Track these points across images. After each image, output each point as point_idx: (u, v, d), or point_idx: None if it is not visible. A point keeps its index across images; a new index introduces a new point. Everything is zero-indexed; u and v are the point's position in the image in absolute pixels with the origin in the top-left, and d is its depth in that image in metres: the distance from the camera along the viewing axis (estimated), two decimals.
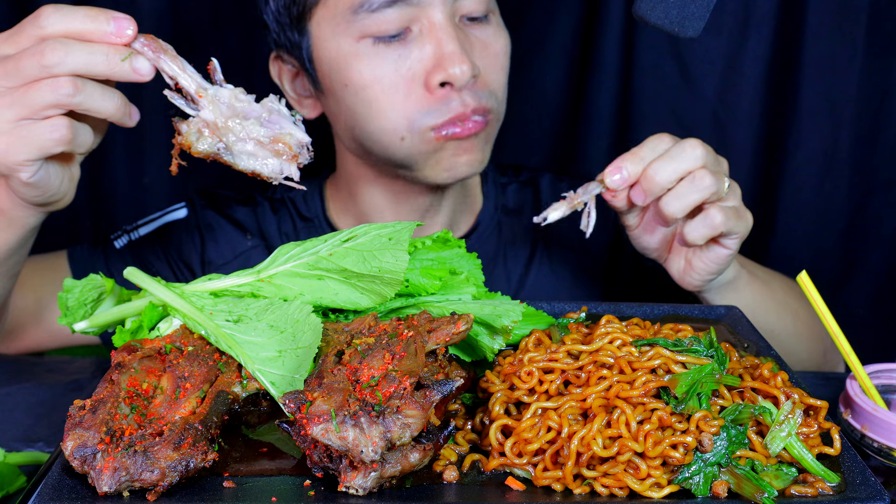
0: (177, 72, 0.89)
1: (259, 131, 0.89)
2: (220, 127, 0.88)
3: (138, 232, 1.47)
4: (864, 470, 0.78)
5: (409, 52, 1.22)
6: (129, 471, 0.71)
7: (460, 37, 1.23)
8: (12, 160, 0.90)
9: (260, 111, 0.89)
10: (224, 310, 0.89)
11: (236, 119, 0.89)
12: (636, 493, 0.75)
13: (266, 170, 0.90)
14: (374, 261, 0.89)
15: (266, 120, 0.89)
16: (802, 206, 1.84)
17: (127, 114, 0.93)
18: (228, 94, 0.89)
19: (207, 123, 0.88)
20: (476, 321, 0.92)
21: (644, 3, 0.98)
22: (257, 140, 0.89)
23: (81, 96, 0.87)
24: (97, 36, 0.87)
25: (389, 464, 0.73)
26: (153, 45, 0.88)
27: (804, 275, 0.92)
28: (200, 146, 0.89)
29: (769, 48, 1.76)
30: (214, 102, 0.88)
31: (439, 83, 1.22)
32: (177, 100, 0.89)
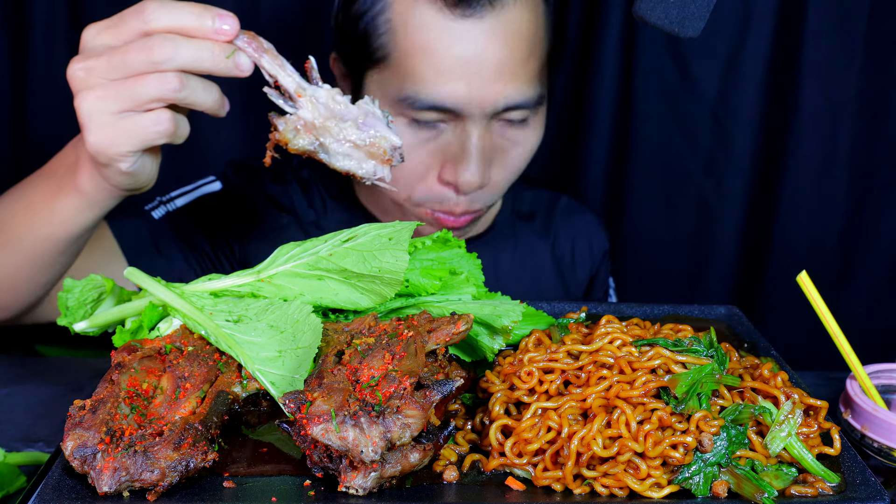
0: (277, 70, 0.90)
1: (355, 133, 0.91)
2: (318, 127, 0.90)
3: (175, 203, 1.46)
4: (864, 470, 0.78)
5: (438, 140, 1.26)
6: (129, 471, 0.71)
7: (486, 146, 1.25)
8: (115, 151, 0.91)
9: (356, 113, 0.91)
10: (224, 310, 0.89)
11: (333, 120, 0.90)
12: (636, 493, 0.75)
13: (361, 171, 0.92)
14: (374, 261, 0.89)
15: (362, 123, 0.91)
16: (802, 205, 1.84)
17: (222, 105, 0.95)
18: (326, 94, 0.91)
19: (305, 122, 0.90)
20: (476, 321, 0.91)
21: (644, 3, 0.98)
22: (353, 142, 0.91)
23: (186, 91, 0.89)
24: (201, 32, 0.88)
25: (389, 464, 0.73)
26: (254, 44, 0.90)
27: (804, 275, 0.92)
28: (299, 143, 0.91)
29: (769, 48, 1.76)
30: (313, 102, 0.90)
31: (448, 182, 1.27)
32: (276, 98, 0.91)
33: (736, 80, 1.79)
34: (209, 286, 0.93)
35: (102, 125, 0.89)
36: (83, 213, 1.05)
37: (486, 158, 1.27)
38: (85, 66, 0.89)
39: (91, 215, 1.05)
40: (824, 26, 1.71)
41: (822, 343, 1.00)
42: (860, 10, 1.71)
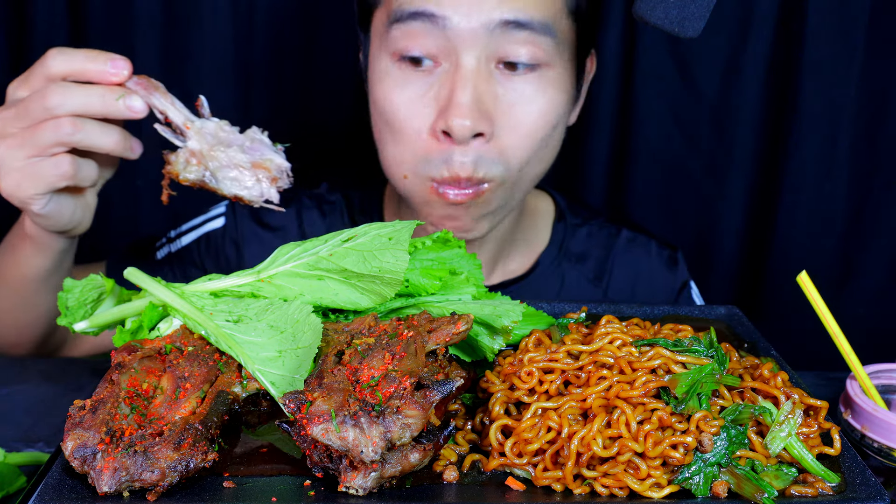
0: (166, 106, 0.98)
1: (241, 158, 0.97)
2: (206, 155, 0.96)
3: (180, 242, 1.48)
4: (864, 470, 0.78)
5: (430, 87, 1.15)
6: (129, 471, 0.71)
7: (480, 86, 1.13)
8: (23, 195, 1.00)
9: (242, 140, 0.97)
10: (224, 310, 0.89)
11: (220, 147, 0.96)
12: (636, 494, 0.75)
13: (248, 194, 0.98)
14: (375, 261, 0.89)
15: (248, 147, 0.97)
16: (802, 206, 1.84)
17: (128, 147, 1.02)
18: (214, 126, 0.98)
19: (194, 153, 0.96)
20: (476, 321, 0.91)
21: (644, 3, 0.98)
22: (240, 166, 0.97)
23: (81, 134, 0.96)
24: (96, 76, 0.97)
25: (389, 464, 0.73)
26: (145, 84, 0.98)
27: (804, 275, 0.92)
28: (188, 174, 0.97)
29: (769, 48, 1.76)
30: (200, 133, 0.97)
31: (441, 130, 1.14)
32: (166, 133, 0.98)
33: (736, 80, 1.79)
34: (209, 286, 0.93)
35: (12, 171, 0.98)
36: (35, 256, 1.15)
37: (482, 103, 1.13)
38: (1, 118, 0.98)
39: (44, 258, 1.15)
40: (824, 26, 1.71)
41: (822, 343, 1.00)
42: (860, 11, 1.71)
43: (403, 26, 1.14)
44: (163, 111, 0.98)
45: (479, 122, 1.13)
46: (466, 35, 1.12)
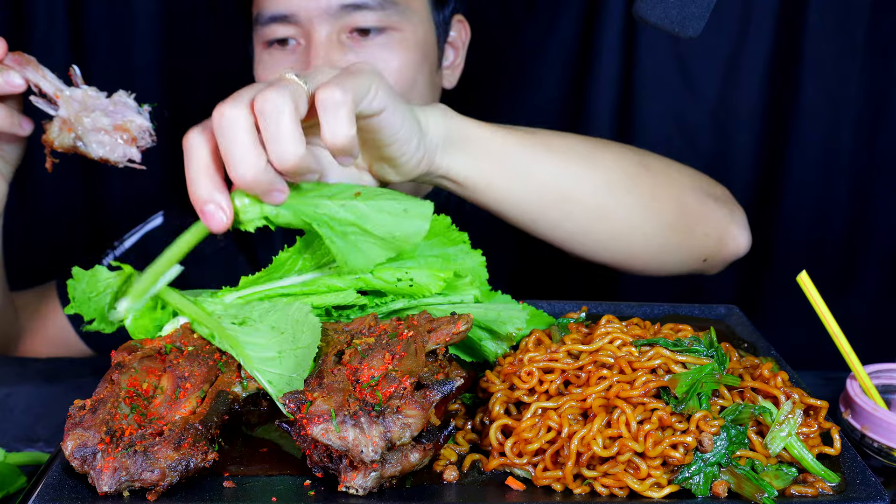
0: (38, 78, 0.99)
1: (104, 121, 0.98)
2: (74, 121, 0.97)
3: (123, 246, 1.51)
4: (864, 470, 0.78)
5: (296, 62, 1.27)
6: (129, 471, 0.71)
7: (334, 55, 1.24)
8: None
9: (107, 104, 0.99)
10: (232, 314, 0.90)
11: (86, 112, 0.98)
12: (636, 493, 0.75)
13: (113, 155, 0.99)
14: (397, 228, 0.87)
15: (111, 111, 0.98)
16: (803, 205, 1.84)
17: (16, 123, 1.01)
18: (81, 93, 0.99)
19: (65, 121, 0.98)
20: (479, 326, 0.92)
21: (644, 2, 0.98)
22: (103, 129, 0.98)
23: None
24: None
25: (389, 464, 0.73)
26: (18, 59, 0.99)
27: (804, 275, 0.92)
28: (62, 141, 0.98)
29: (769, 48, 1.76)
30: (69, 101, 0.98)
31: None
32: (40, 103, 0.99)
33: (736, 80, 1.79)
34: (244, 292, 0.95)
35: None
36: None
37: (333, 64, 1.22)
38: None
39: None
40: (825, 26, 1.71)
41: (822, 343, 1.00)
42: (860, 10, 1.71)
43: (266, 27, 1.28)
44: (36, 84, 0.99)
45: None
46: (315, 20, 1.24)
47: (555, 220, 1.07)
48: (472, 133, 1.01)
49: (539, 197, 1.05)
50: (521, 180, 1.03)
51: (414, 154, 0.96)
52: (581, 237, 1.09)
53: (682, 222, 1.16)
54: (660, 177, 1.14)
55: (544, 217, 1.06)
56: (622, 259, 1.15)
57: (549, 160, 1.05)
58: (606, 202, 1.08)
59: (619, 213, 1.09)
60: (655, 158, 1.17)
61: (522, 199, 1.04)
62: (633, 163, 1.13)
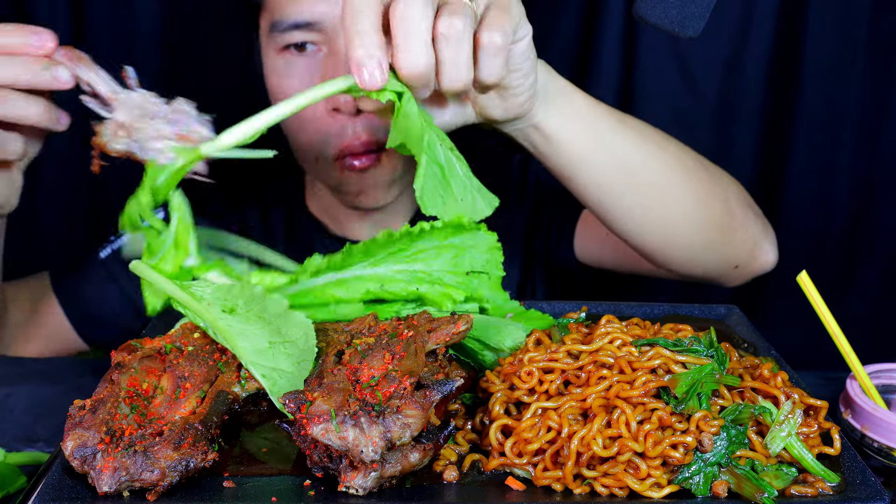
0: (92, 78, 0.95)
1: (167, 129, 0.95)
2: (132, 127, 0.94)
3: (122, 239, 1.50)
4: (864, 470, 0.78)
5: (318, 71, 1.26)
6: (129, 471, 0.71)
7: None
8: None
9: (167, 111, 0.95)
10: (220, 298, 0.90)
11: (146, 119, 0.95)
12: (636, 493, 0.75)
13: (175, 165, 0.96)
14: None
15: (173, 119, 0.95)
16: (803, 205, 1.84)
17: (54, 119, 0.98)
18: (139, 97, 0.95)
19: (121, 124, 0.94)
20: (477, 339, 0.92)
21: (644, 2, 0.98)
22: (165, 137, 0.95)
23: (5, 108, 0.93)
24: (21, 48, 0.92)
25: (389, 464, 0.73)
26: (71, 55, 0.95)
27: (804, 275, 0.92)
28: (115, 145, 0.95)
29: (770, 48, 1.76)
30: (126, 104, 0.94)
31: (332, 107, 1.25)
32: (93, 104, 0.96)
33: (736, 80, 1.79)
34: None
35: None
36: None
37: None
38: None
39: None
40: (825, 26, 1.71)
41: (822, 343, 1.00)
42: (860, 10, 1.71)
43: (285, 34, 1.26)
44: (89, 83, 0.95)
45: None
46: (340, 28, 1.22)
47: (619, 191, 1.11)
48: (569, 93, 1.06)
49: (612, 166, 1.09)
50: (602, 147, 1.08)
51: (527, 90, 0.99)
52: (637, 214, 1.14)
53: (727, 223, 1.21)
54: (713, 176, 1.20)
55: (611, 186, 1.10)
56: (666, 246, 1.18)
57: (627, 134, 1.10)
58: (668, 185, 1.13)
59: (675, 198, 1.14)
60: (709, 161, 1.23)
61: (598, 164, 1.08)
62: (692, 157, 1.19)
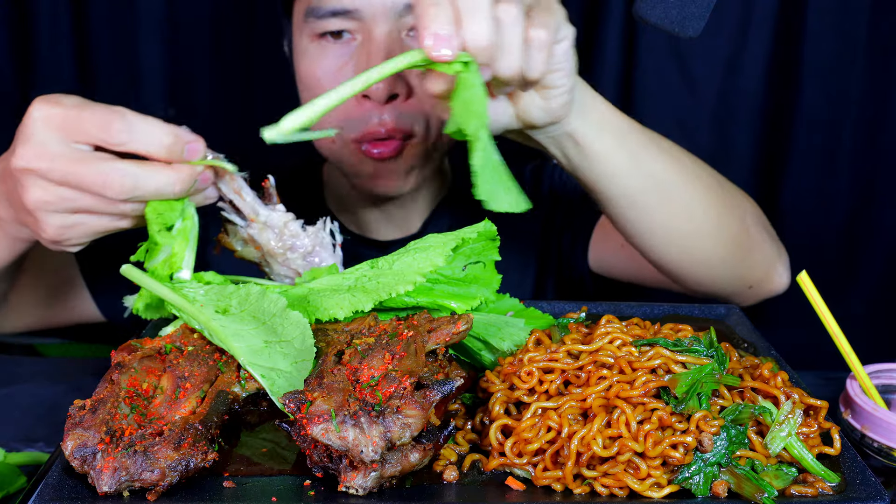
0: (233, 195, 0.94)
1: (300, 264, 0.96)
2: (265, 251, 0.95)
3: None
4: (864, 470, 0.78)
5: (349, 58, 1.25)
6: (129, 471, 0.71)
7: (394, 52, 1.21)
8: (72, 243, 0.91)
9: (305, 245, 0.95)
10: (213, 299, 0.90)
11: (282, 248, 0.95)
12: (636, 493, 0.75)
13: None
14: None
15: (309, 254, 0.96)
16: (802, 205, 1.84)
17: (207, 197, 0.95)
18: (279, 220, 0.95)
19: (253, 240, 0.95)
20: (477, 337, 0.92)
21: (644, 2, 0.98)
22: (296, 271, 0.96)
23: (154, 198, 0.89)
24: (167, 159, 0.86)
25: (389, 464, 0.73)
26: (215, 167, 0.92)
27: (804, 275, 0.92)
28: (244, 254, 0.96)
29: (769, 48, 1.76)
30: (265, 228, 0.95)
31: (362, 94, 1.23)
32: (231, 215, 0.95)
33: (736, 80, 1.79)
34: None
35: (58, 222, 0.88)
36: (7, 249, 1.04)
37: None
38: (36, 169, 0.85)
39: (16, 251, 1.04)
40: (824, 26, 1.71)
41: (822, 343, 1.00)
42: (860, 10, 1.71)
43: (323, 21, 1.25)
44: (229, 199, 0.94)
45: (395, 85, 1.22)
46: (378, 17, 1.22)
47: (648, 206, 1.13)
48: (603, 106, 1.10)
49: (642, 181, 1.11)
50: (633, 161, 1.10)
51: (567, 92, 1.01)
52: (661, 231, 1.16)
53: (744, 242, 1.23)
54: (731, 195, 1.24)
55: (641, 201, 1.13)
56: (685, 262, 1.20)
57: (656, 150, 1.13)
58: (693, 203, 1.15)
59: (698, 216, 1.16)
60: (726, 180, 1.26)
61: (629, 178, 1.11)
62: (711, 174, 1.21)
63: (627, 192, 1.12)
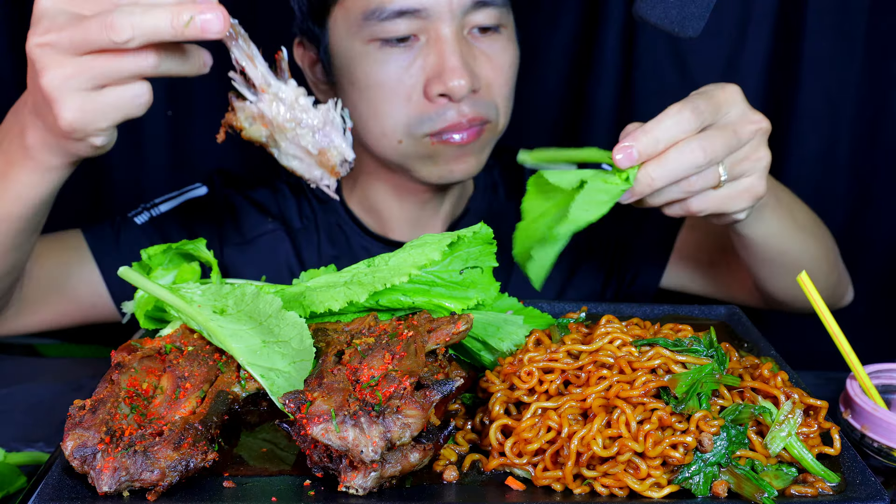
0: (246, 61, 0.90)
1: (310, 141, 0.91)
2: (275, 126, 0.90)
3: (159, 209, 1.46)
4: (864, 470, 0.78)
5: (414, 59, 1.24)
6: (129, 471, 0.71)
7: (464, 50, 1.24)
8: (94, 127, 0.87)
9: (315, 121, 0.91)
10: (210, 300, 0.90)
11: (292, 122, 0.90)
12: (636, 493, 0.75)
13: (308, 175, 0.94)
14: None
15: (319, 131, 0.91)
16: None
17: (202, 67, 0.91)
18: (291, 93, 0.90)
19: (262, 116, 0.90)
20: (477, 339, 0.92)
21: (644, 2, 0.98)
22: (305, 149, 0.92)
23: (164, 66, 0.86)
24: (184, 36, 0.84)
25: (389, 464, 0.73)
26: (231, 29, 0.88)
27: (804, 275, 0.92)
28: (251, 132, 0.91)
29: (769, 48, 1.76)
30: (275, 101, 0.90)
31: (438, 94, 1.24)
32: (241, 86, 0.91)
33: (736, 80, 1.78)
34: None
35: (77, 102, 0.85)
36: (39, 184, 1.00)
37: (468, 62, 1.24)
38: (47, 42, 0.84)
39: (48, 186, 1.01)
40: (824, 26, 1.71)
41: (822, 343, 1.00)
42: (860, 10, 1.71)
43: (386, 23, 1.22)
44: (241, 64, 0.90)
45: (473, 80, 1.24)
46: (446, 18, 1.22)
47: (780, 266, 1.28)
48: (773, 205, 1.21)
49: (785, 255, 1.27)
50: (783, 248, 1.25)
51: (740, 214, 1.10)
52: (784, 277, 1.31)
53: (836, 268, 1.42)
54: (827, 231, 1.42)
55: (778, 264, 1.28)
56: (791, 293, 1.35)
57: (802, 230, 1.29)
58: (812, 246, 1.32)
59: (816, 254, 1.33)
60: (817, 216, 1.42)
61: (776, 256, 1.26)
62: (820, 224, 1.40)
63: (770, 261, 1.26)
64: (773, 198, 1.19)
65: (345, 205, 1.50)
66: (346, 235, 1.48)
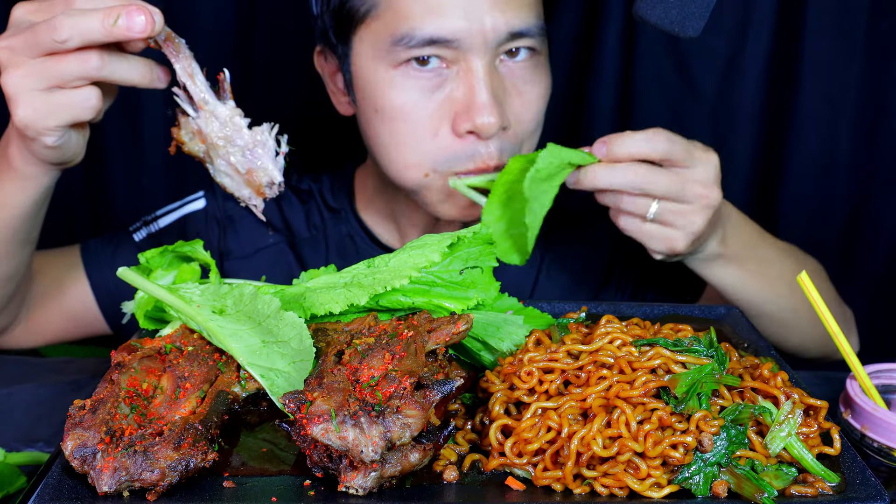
0: (186, 78, 0.95)
1: (238, 160, 0.96)
2: (208, 142, 0.95)
3: (158, 224, 1.46)
4: (864, 470, 0.78)
5: (443, 89, 1.19)
6: (129, 471, 0.71)
7: (495, 84, 1.19)
8: (43, 126, 0.94)
9: (247, 140, 0.96)
10: (209, 300, 0.90)
11: (223, 140, 0.95)
12: (636, 493, 0.75)
13: (236, 192, 0.99)
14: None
15: (248, 151, 0.96)
16: (802, 205, 1.84)
17: (155, 78, 0.97)
18: (226, 113, 0.95)
19: (199, 132, 0.95)
20: (477, 339, 0.92)
21: (644, 2, 0.98)
22: (234, 167, 0.96)
23: (108, 69, 0.92)
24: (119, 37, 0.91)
25: (389, 464, 0.73)
26: (170, 46, 0.94)
27: (804, 275, 0.92)
28: (191, 146, 0.97)
29: (769, 48, 1.76)
30: (210, 117, 0.95)
31: (467, 131, 1.19)
32: (181, 100, 0.96)
33: (736, 80, 1.79)
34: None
35: (30, 101, 0.92)
36: (19, 192, 1.07)
37: (498, 98, 1.19)
38: (8, 45, 0.92)
39: (27, 195, 1.08)
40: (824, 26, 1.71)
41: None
42: (860, 10, 1.71)
43: (415, 50, 1.17)
44: (182, 82, 0.95)
45: (502, 118, 1.19)
46: (479, 50, 1.17)
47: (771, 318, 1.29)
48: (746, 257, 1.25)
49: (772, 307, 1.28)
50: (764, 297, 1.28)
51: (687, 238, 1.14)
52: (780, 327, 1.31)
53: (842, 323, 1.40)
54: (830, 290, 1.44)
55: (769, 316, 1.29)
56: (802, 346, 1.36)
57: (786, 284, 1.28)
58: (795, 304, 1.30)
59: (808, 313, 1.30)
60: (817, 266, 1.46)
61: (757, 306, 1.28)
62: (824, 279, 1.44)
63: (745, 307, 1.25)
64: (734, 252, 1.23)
65: (357, 216, 1.47)
66: (357, 247, 1.45)
